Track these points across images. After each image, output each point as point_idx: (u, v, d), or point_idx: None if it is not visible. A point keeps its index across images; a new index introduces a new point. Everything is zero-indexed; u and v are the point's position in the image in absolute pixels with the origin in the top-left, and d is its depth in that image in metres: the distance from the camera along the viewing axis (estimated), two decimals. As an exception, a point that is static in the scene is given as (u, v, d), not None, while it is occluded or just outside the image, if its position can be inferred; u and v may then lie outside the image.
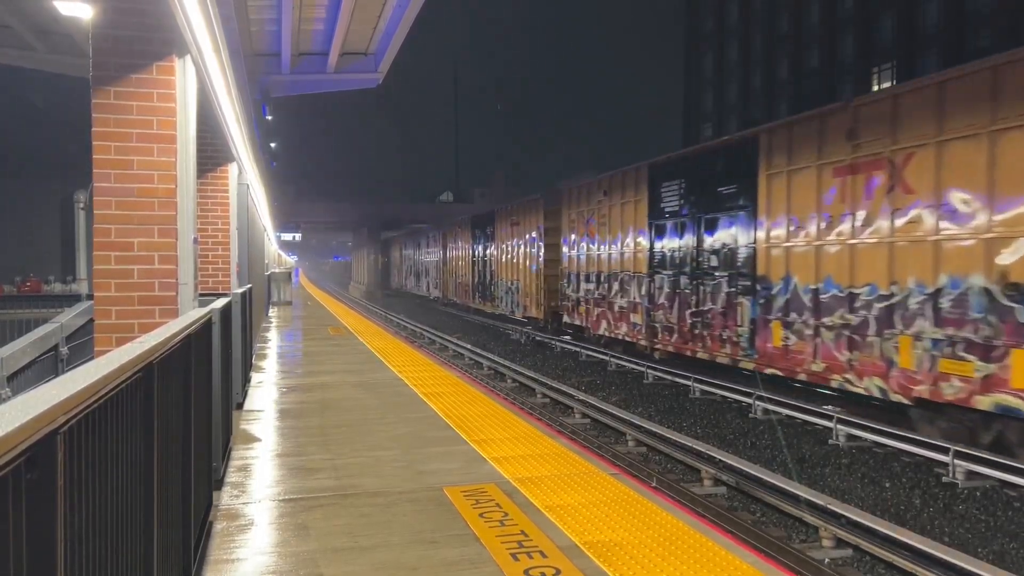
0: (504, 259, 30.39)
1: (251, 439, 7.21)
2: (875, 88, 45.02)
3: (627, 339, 19.79)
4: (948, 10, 42.39)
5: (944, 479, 9.38)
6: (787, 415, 12.78)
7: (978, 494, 8.95)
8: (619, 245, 20.22)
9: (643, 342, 18.79)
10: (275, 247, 44.21)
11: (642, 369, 17.62)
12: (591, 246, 22.09)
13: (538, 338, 25.61)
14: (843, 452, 10.82)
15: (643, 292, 18.72)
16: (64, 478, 1.58)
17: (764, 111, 55.12)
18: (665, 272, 17.73)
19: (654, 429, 11.73)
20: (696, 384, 15.34)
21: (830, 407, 12.61)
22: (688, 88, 67.04)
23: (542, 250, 25.89)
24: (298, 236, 66.75)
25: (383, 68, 16.40)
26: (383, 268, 70.65)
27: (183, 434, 3.62)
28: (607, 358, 19.64)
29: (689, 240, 16.79)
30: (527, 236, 27.48)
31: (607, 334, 21.01)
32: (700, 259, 16.37)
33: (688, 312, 16.70)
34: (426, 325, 31.71)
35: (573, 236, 23.52)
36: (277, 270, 34.82)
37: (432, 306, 46.69)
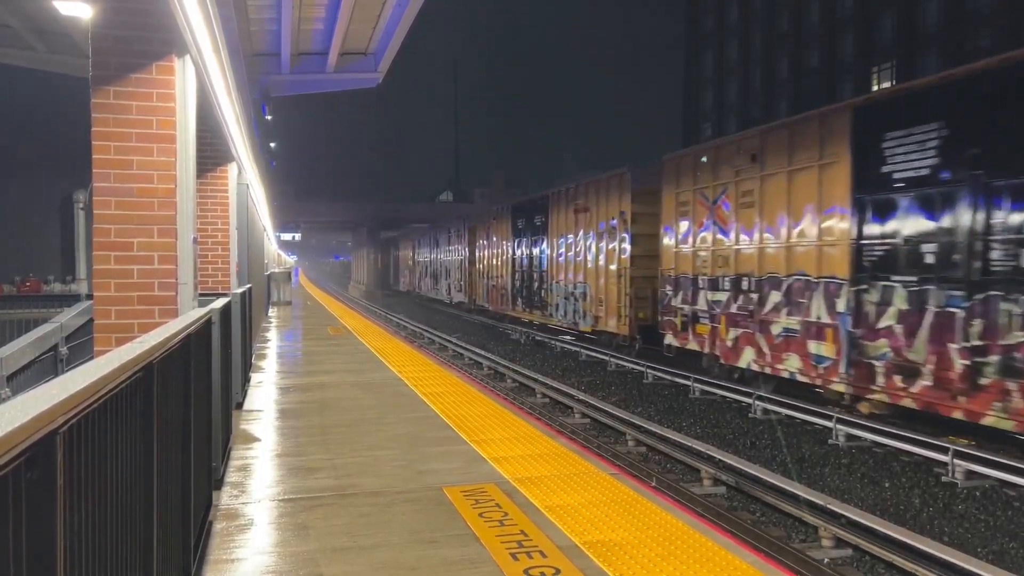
0: (562, 256, 24.15)
1: (251, 439, 7.21)
2: (875, 88, 45.04)
3: (801, 378, 13.14)
4: (948, 10, 42.40)
5: (944, 479, 9.38)
6: (787, 415, 12.79)
7: (977, 494, 8.96)
8: (783, 234, 13.59)
9: (839, 386, 12.23)
10: (275, 247, 44.23)
11: (642, 369, 17.61)
12: (722, 237, 15.52)
13: (537, 338, 25.57)
14: (843, 452, 10.83)
15: (841, 308, 12.09)
16: (64, 478, 1.58)
17: (764, 110, 55.13)
18: (895, 277, 11.15)
19: (654, 429, 11.73)
20: (696, 384, 15.34)
21: (829, 406, 12.61)
22: (688, 87, 67.05)
23: (627, 243, 19.75)
24: (298, 236, 66.90)
25: (383, 68, 16.39)
26: (383, 268, 70.51)
27: (183, 434, 3.62)
28: (607, 358, 19.62)
29: (959, 221, 10.26)
30: (601, 225, 21.26)
31: (756, 368, 14.36)
32: (990, 255, 9.92)
33: (957, 347, 10.21)
34: (426, 325, 31.71)
35: (685, 224, 16.94)
36: (277, 270, 34.85)
37: (433, 306, 46.40)
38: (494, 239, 32.76)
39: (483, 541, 4.47)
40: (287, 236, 61.34)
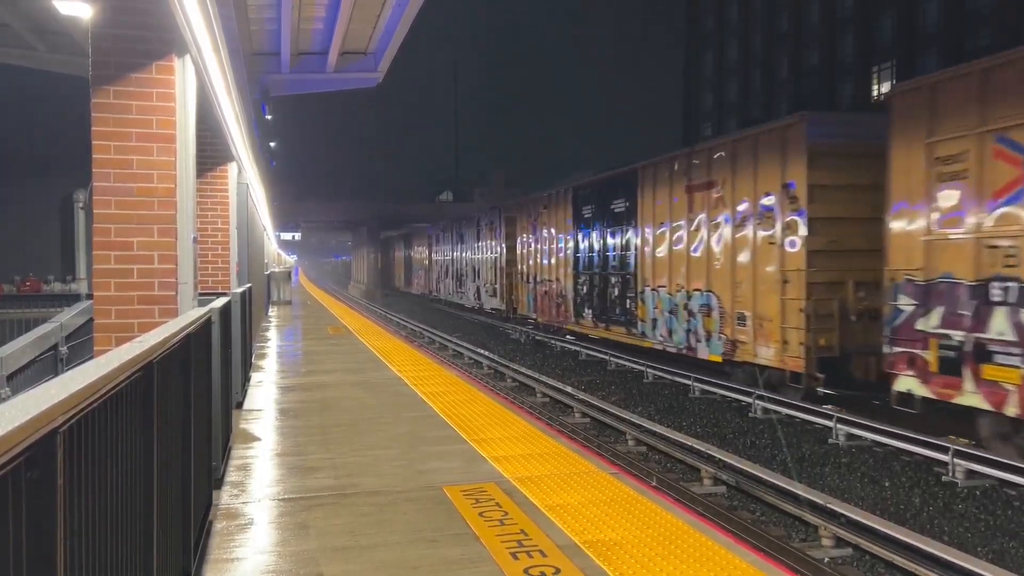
0: (663, 252, 17.60)
1: (251, 438, 7.21)
2: (875, 88, 45.04)
3: None
4: (948, 9, 42.37)
5: (944, 478, 9.38)
6: (787, 414, 12.78)
7: (978, 493, 8.96)
8: None
9: None
10: (275, 246, 44.24)
11: (642, 368, 17.61)
12: None
13: (538, 337, 25.56)
14: (843, 451, 10.82)
15: None
16: (64, 477, 1.58)
17: (764, 110, 55.11)
18: None
19: (654, 428, 11.73)
20: (696, 383, 15.34)
21: (829, 406, 12.60)
22: (688, 87, 67.03)
23: (802, 230, 13.08)
24: (298, 235, 66.95)
25: (383, 67, 16.39)
26: (384, 268, 70.47)
27: (183, 433, 3.62)
28: (607, 357, 19.61)
29: None
30: (741, 206, 14.63)
31: None
32: None
33: None
34: (426, 324, 31.71)
35: (952, 194, 10.25)
36: (277, 269, 34.86)
37: (433, 306, 46.27)
38: (544, 233, 25.88)
39: (483, 540, 4.47)
40: (287, 235, 61.40)
